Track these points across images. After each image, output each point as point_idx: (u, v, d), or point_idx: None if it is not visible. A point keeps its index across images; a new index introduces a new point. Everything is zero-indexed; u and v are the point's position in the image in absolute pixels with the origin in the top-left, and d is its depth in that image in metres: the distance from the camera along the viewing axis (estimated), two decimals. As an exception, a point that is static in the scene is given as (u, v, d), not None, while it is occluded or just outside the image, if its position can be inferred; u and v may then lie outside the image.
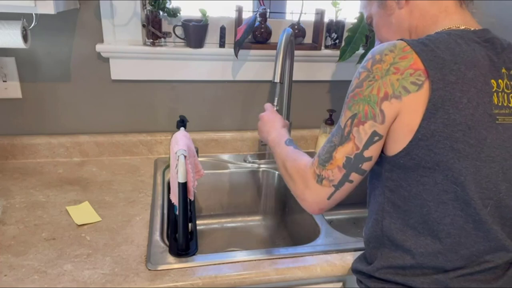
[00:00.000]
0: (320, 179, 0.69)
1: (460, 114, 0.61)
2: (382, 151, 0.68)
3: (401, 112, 0.62)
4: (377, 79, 0.63)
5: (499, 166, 0.65)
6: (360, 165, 0.66)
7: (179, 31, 1.20)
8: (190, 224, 0.91)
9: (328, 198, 0.70)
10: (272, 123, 0.97)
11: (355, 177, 0.67)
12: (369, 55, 0.67)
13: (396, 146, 0.64)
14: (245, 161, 1.30)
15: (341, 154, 0.66)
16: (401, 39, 0.66)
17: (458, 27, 0.68)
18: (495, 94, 0.64)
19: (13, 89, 1.16)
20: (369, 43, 1.26)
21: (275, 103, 1.10)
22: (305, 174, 0.72)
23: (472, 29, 0.68)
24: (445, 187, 0.64)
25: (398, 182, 0.67)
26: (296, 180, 0.74)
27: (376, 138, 0.64)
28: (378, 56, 0.64)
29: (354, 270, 0.80)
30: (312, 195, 0.71)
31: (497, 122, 0.64)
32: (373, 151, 0.66)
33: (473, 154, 0.63)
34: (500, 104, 0.64)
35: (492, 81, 0.64)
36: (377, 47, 0.66)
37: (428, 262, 0.67)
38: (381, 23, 0.79)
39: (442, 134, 0.61)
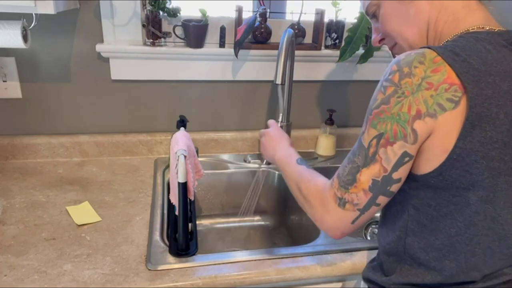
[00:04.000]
0: (342, 203, 0.63)
1: (497, 131, 0.57)
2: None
3: (435, 131, 0.57)
4: (407, 95, 0.57)
5: None
6: (388, 188, 0.61)
7: (179, 31, 1.20)
8: (190, 224, 0.91)
9: (353, 222, 0.64)
10: (279, 140, 0.91)
11: (382, 200, 0.62)
12: (394, 66, 0.60)
13: (427, 165, 0.60)
14: (245, 161, 1.30)
15: (367, 176, 0.61)
16: (429, 47, 0.59)
17: (483, 27, 0.63)
18: None
19: (13, 89, 1.16)
20: (369, 43, 1.26)
21: (280, 119, 1.04)
22: (323, 196, 0.66)
23: (496, 30, 0.63)
24: (478, 208, 0.60)
25: (425, 201, 0.63)
26: (313, 203, 0.69)
27: (407, 159, 0.59)
28: (407, 69, 0.58)
29: (366, 279, 0.77)
30: (333, 220, 0.65)
31: None
32: (402, 173, 0.60)
33: (506, 171, 0.59)
34: None
35: None
36: (404, 58, 0.60)
37: (448, 280, 0.65)
38: (393, 12, 0.70)
39: (479, 154, 0.57)
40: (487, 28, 0.63)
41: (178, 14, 1.16)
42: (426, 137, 0.58)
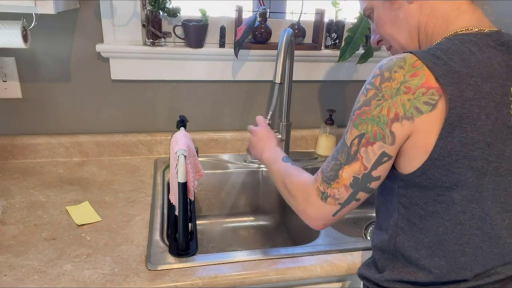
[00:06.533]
0: (324, 197, 0.67)
1: (478, 131, 0.58)
2: (395, 168, 0.65)
3: (414, 133, 0.59)
4: (386, 99, 0.60)
5: None
6: (368, 184, 0.64)
7: (179, 31, 1.20)
8: (190, 224, 0.91)
9: (334, 215, 0.68)
10: (266, 140, 0.94)
11: (362, 195, 0.65)
12: (376, 70, 0.62)
13: (411, 165, 0.62)
14: (245, 161, 1.30)
15: (348, 173, 0.64)
16: (411, 52, 0.61)
17: (471, 29, 0.63)
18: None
19: (13, 89, 1.16)
20: (369, 43, 1.26)
21: (268, 117, 1.05)
22: (307, 189, 0.70)
23: (486, 30, 0.63)
24: (463, 207, 0.61)
25: (413, 200, 0.65)
26: (297, 196, 0.72)
27: (385, 158, 0.62)
28: (387, 74, 0.60)
29: (361, 275, 0.78)
30: (315, 211, 0.68)
31: None
32: (381, 171, 0.63)
33: (491, 171, 0.60)
34: None
35: (511, 89, 0.60)
36: (386, 63, 0.62)
37: (440, 279, 0.65)
38: (385, 17, 0.72)
39: (460, 153, 0.58)
40: (476, 30, 0.63)
41: (178, 14, 1.16)
42: (405, 138, 0.60)
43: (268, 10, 1.23)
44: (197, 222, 1.27)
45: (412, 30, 0.70)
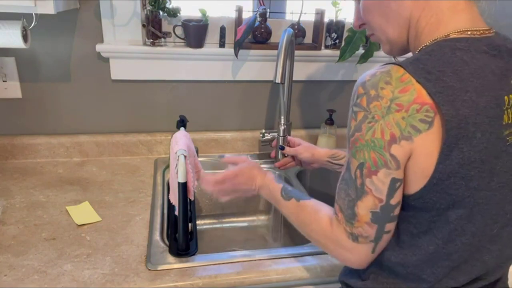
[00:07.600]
0: (354, 237, 0.62)
1: (474, 150, 0.54)
2: None
3: (414, 153, 0.55)
4: (377, 120, 0.55)
5: (508, 188, 0.60)
6: (391, 214, 0.59)
7: (179, 31, 1.20)
8: (190, 224, 0.91)
9: (373, 252, 0.62)
10: (256, 174, 0.86)
11: (390, 226, 0.61)
12: (359, 89, 0.57)
13: (408, 188, 0.58)
14: (245, 161, 1.30)
15: (364, 210, 0.59)
16: (394, 63, 0.56)
17: (465, 31, 0.58)
18: (505, 112, 0.56)
19: (13, 89, 1.16)
20: (369, 42, 1.26)
21: (282, 121, 1.02)
22: (334, 236, 0.64)
23: (479, 33, 0.59)
24: (457, 226, 0.59)
25: (405, 219, 0.62)
26: (327, 244, 0.67)
27: (398, 184, 0.57)
28: (374, 92, 0.55)
29: (342, 282, 0.75)
30: (354, 255, 0.63)
31: (507, 144, 0.57)
32: (399, 196, 0.59)
33: (484, 186, 0.57)
34: (510, 122, 0.57)
35: (506, 97, 0.57)
36: (369, 79, 0.57)
37: None
38: (374, 5, 0.66)
39: (458, 175, 0.55)
40: (469, 33, 0.58)
41: (178, 14, 1.16)
42: (407, 159, 0.56)
43: (268, 10, 1.23)
44: (197, 222, 1.27)
45: (402, 24, 0.64)
